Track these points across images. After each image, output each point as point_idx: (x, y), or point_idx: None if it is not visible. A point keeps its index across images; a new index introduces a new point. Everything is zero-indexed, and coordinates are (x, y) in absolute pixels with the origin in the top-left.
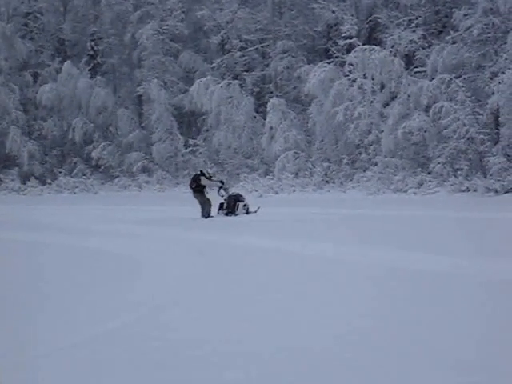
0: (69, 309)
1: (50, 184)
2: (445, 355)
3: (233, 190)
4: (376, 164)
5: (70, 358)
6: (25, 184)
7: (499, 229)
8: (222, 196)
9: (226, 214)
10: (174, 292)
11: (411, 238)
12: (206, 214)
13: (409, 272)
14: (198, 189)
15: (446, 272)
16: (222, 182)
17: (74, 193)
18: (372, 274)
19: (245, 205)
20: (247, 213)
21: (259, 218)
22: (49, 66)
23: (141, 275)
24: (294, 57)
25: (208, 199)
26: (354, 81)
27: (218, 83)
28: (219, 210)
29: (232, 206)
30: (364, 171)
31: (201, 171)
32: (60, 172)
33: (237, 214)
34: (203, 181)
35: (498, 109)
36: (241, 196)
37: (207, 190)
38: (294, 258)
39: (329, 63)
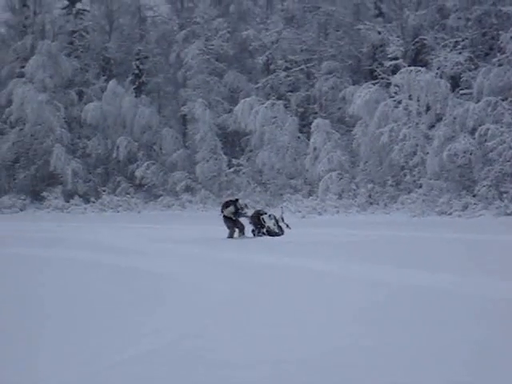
0: (110, 328)
1: (93, 202)
2: None
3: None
4: (421, 186)
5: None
6: (68, 202)
7: None
8: (250, 223)
9: (259, 234)
10: (216, 313)
11: (462, 262)
12: (229, 235)
13: (462, 297)
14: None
15: (501, 297)
16: (243, 214)
17: (118, 211)
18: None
19: (270, 215)
20: (278, 224)
21: (300, 240)
22: (94, 84)
23: (180, 295)
24: (339, 77)
25: (237, 225)
26: (400, 102)
27: (263, 103)
28: (253, 234)
29: (258, 222)
30: (408, 193)
31: (236, 199)
32: (104, 190)
33: (271, 230)
34: (226, 212)
35: None
36: (260, 210)
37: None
38: (331, 278)
39: (374, 84)
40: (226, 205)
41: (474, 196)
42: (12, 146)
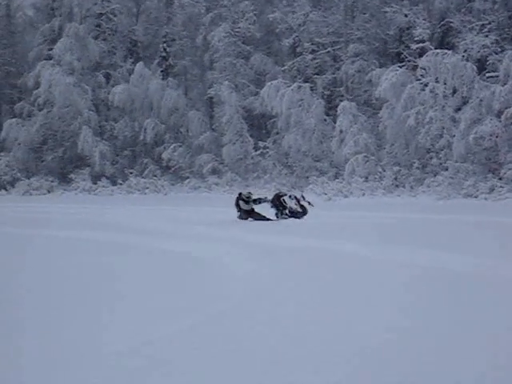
0: (145, 307)
1: (120, 184)
2: None
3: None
4: (447, 169)
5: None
6: (96, 184)
7: None
8: (265, 202)
9: (283, 216)
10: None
11: (487, 244)
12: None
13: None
14: (240, 209)
15: None
16: (263, 200)
17: (145, 193)
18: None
19: (290, 196)
20: (300, 203)
21: (326, 221)
22: (121, 66)
23: (210, 275)
24: (365, 60)
25: (253, 217)
26: (426, 85)
27: (289, 86)
28: (276, 217)
29: (279, 204)
30: (434, 176)
31: (239, 194)
32: (131, 172)
33: (293, 210)
34: (242, 205)
35: None
36: (280, 192)
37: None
38: (364, 261)
39: (400, 67)
40: (237, 203)
41: (500, 179)
42: (40, 128)
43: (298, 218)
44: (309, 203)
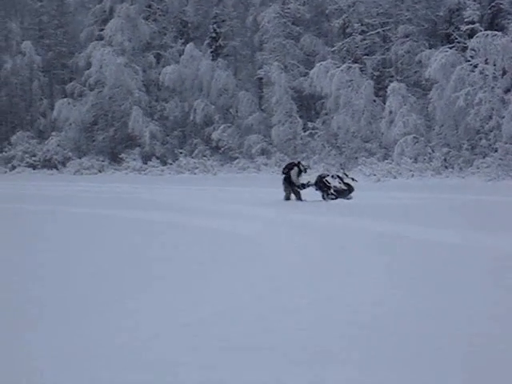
0: (191, 288)
1: (170, 164)
2: None
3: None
4: (496, 150)
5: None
6: (146, 164)
7: None
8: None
9: (329, 197)
10: (292, 274)
11: None
12: (285, 198)
13: None
14: (287, 177)
15: None
16: (307, 185)
17: (194, 173)
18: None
19: (332, 176)
20: (343, 181)
21: (374, 202)
22: (171, 47)
23: (260, 256)
24: (415, 41)
25: (293, 189)
26: (476, 66)
27: (338, 67)
28: (323, 198)
29: (323, 186)
30: (484, 157)
31: (299, 162)
32: (181, 153)
33: (338, 189)
34: (293, 175)
35: None
36: (322, 173)
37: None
38: (409, 242)
39: (450, 48)
40: (289, 167)
41: None
42: (91, 109)
43: (346, 197)
44: (352, 179)
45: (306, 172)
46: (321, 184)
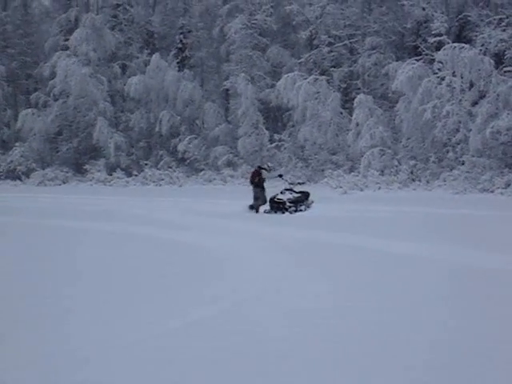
0: (152, 300)
1: (135, 176)
2: None
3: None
4: (463, 163)
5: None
6: (111, 175)
7: None
8: (286, 181)
9: (289, 211)
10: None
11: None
12: (254, 206)
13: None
14: (259, 183)
15: None
16: (280, 175)
17: (160, 185)
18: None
19: (281, 192)
20: (293, 190)
21: (342, 215)
22: (137, 58)
23: (223, 269)
24: (382, 53)
25: (263, 197)
26: (443, 79)
27: (305, 78)
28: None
29: (277, 204)
30: (451, 170)
31: (259, 166)
32: (146, 164)
33: (294, 200)
34: (264, 174)
35: None
36: (271, 196)
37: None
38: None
39: (417, 60)
40: (257, 173)
41: None
42: (55, 119)
43: (307, 203)
44: (298, 183)
45: (270, 171)
46: (275, 204)
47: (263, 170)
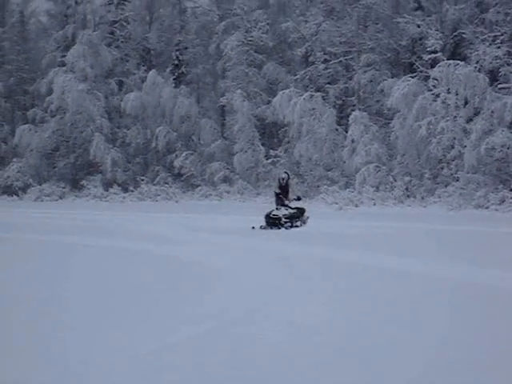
0: (142, 316)
1: (132, 191)
2: None
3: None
4: (458, 179)
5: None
6: (107, 191)
7: None
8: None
9: (285, 226)
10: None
11: (500, 256)
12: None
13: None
14: (284, 194)
15: None
16: (299, 198)
17: (156, 201)
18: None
19: (277, 208)
20: (289, 206)
21: (338, 231)
22: (134, 74)
23: (217, 285)
24: (377, 70)
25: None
26: (438, 96)
27: (301, 95)
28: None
29: (273, 221)
30: (446, 186)
31: (286, 172)
32: (142, 180)
33: (289, 215)
34: (291, 185)
35: None
36: (266, 212)
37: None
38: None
39: (412, 77)
40: (284, 182)
41: (511, 190)
42: (52, 135)
43: (303, 219)
44: (294, 199)
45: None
46: (270, 220)
47: (290, 180)
